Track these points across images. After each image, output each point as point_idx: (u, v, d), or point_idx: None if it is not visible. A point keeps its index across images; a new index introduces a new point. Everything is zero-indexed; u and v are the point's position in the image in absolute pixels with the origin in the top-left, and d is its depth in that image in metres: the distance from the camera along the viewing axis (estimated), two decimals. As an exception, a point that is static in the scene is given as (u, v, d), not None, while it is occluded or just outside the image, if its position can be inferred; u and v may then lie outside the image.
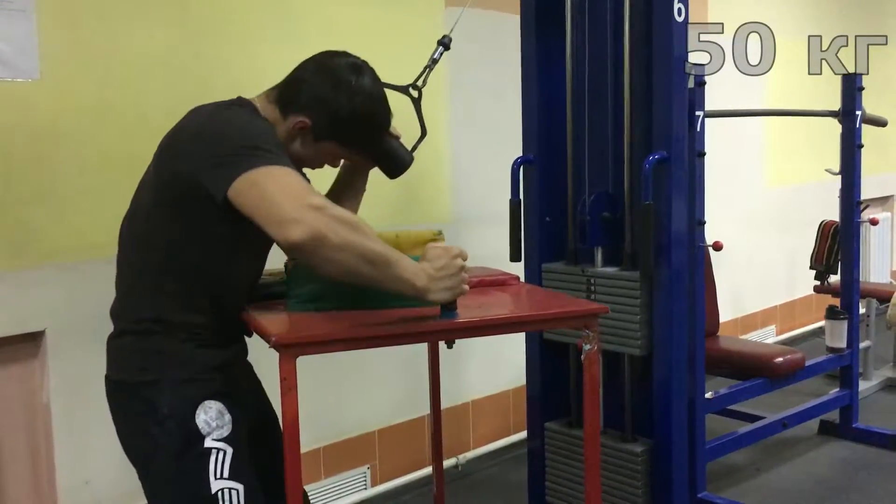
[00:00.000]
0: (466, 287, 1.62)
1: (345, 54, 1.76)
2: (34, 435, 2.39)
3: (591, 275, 2.61)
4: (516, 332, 2.51)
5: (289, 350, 1.51)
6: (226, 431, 1.61)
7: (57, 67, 2.31)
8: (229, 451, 1.60)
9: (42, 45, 2.28)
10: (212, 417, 1.60)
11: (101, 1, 2.40)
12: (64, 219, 2.36)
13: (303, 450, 1.56)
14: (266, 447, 1.80)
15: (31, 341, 2.36)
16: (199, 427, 1.59)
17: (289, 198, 1.43)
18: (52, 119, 2.32)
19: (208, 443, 1.59)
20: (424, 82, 2.12)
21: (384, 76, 1.84)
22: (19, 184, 2.28)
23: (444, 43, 2.23)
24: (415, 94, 2.09)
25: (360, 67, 1.74)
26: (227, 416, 1.62)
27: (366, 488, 3.18)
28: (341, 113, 1.70)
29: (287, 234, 1.41)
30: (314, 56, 1.76)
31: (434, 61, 2.19)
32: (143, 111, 2.48)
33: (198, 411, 1.59)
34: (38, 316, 2.34)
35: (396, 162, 1.90)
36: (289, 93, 1.71)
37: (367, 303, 1.68)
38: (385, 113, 1.79)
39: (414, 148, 1.99)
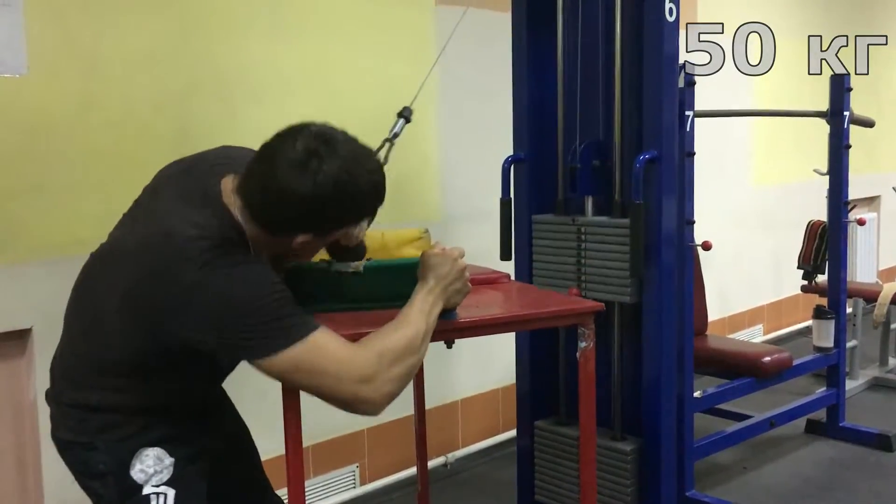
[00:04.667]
0: (470, 286, 1.63)
1: (297, 133, 1.44)
2: (21, 433, 2.37)
3: (581, 224, 2.61)
4: (515, 330, 2.52)
5: None
6: (166, 475, 1.57)
7: (44, 62, 2.29)
8: (171, 493, 1.57)
9: (29, 40, 2.26)
10: (148, 465, 1.56)
11: (89, -5, 2.38)
12: (51, 214, 2.34)
13: (293, 449, 1.55)
14: (238, 472, 1.82)
15: (18, 339, 2.34)
16: (135, 478, 1.55)
17: (343, 376, 1.44)
18: (39, 114, 2.30)
19: (147, 490, 1.56)
20: (386, 159, 1.90)
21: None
22: (6, 178, 2.26)
23: (405, 115, 2.09)
24: None
25: (319, 144, 1.43)
26: (168, 459, 1.58)
27: (354, 487, 3.17)
28: (335, 207, 1.46)
29: (363, 412, 1.47)
30: (270, 151, 1.45)
31: (395, 135, 2.04)
32: (130, 105, 2.46)
33: (133, 462, 1.55)
34: (25, 313, 2.32)
35: (351, 256, 1.74)
36: (270, 218, 1.46)
37: (364, 304, 1.67)
38: (369, 168, 1.50)
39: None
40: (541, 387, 2.82)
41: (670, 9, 2.42)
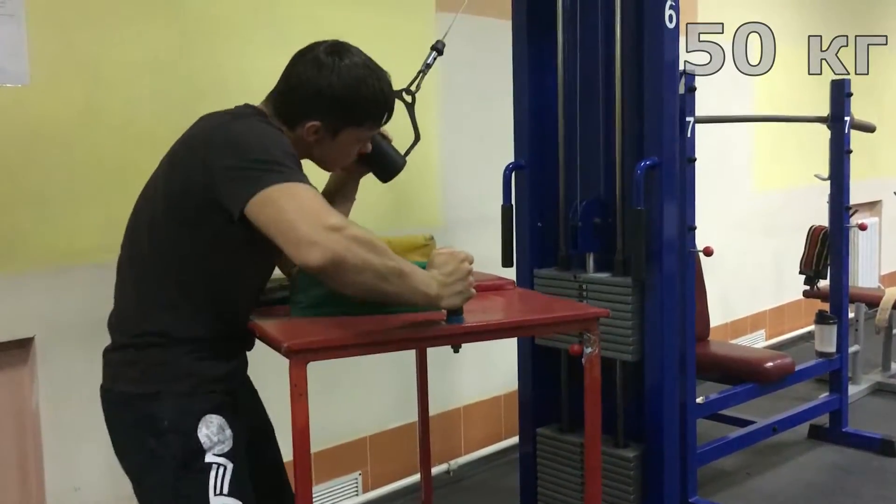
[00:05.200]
0: (474, 291, 1.62)
1: (318, 43, 1.71)
2: (23, 442, 2.37)
3: (582, 280, 2.61)
4: (521, 335, 2.51)
5: (300, 356, 1.50)
6: (226, 447, 1.58)
7: (47, 72, 2.30)
8: (229, 466, 1.57)
9: (32, 50, 2.27)
10: (213, 432, 1.57)
11: (90, 5, 2.39)
12: (53, 223, 2.34)
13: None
14: (263, 462, 1.80)
15: (20, 348, 2.34)
16: (202, 442, 1.56)
17: (306, 218, 1.42)
18: (41, 124, 2.31)
19: (209, 458, 1.56)
20: (418, 87, 2.12)
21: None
22: (8, 188, 2.26)
23: (438, 48, 2.23)
24: (408, 98, 2.09)
25: (337, 47, 1.69)
26: (228, 431, 1.59)
27: (357, 494, 3.17)
28: (340, 95, 1.65)
29: (305, 258, 1.40)
30: (293, 58, 1.73)
31: (428, 66, 2.19)
32: (131, 114, 2.47)
33: (199, 425, 1.56)
34: (27, 322, 2.32)
35: (389, 165, 1.90)
36: (285, 104, 1.69)
37: (371, 308, 1.68)
38: (377, 75, 1.71)
39: (407, 152, 1.99)
40: (543, 393, 2.81)
41: (670, 15, 2.43)
